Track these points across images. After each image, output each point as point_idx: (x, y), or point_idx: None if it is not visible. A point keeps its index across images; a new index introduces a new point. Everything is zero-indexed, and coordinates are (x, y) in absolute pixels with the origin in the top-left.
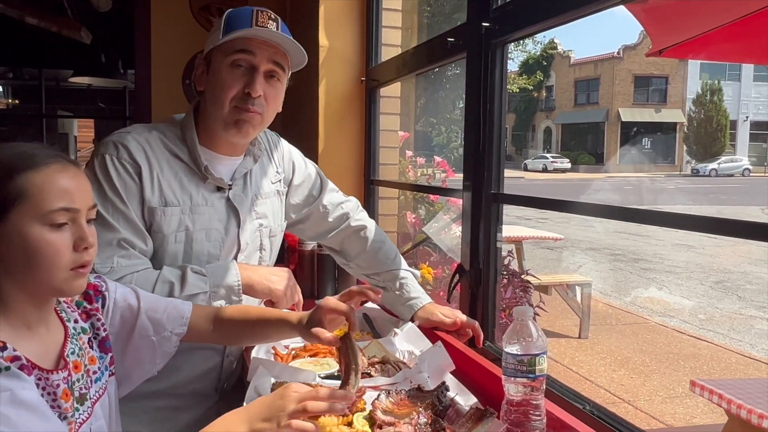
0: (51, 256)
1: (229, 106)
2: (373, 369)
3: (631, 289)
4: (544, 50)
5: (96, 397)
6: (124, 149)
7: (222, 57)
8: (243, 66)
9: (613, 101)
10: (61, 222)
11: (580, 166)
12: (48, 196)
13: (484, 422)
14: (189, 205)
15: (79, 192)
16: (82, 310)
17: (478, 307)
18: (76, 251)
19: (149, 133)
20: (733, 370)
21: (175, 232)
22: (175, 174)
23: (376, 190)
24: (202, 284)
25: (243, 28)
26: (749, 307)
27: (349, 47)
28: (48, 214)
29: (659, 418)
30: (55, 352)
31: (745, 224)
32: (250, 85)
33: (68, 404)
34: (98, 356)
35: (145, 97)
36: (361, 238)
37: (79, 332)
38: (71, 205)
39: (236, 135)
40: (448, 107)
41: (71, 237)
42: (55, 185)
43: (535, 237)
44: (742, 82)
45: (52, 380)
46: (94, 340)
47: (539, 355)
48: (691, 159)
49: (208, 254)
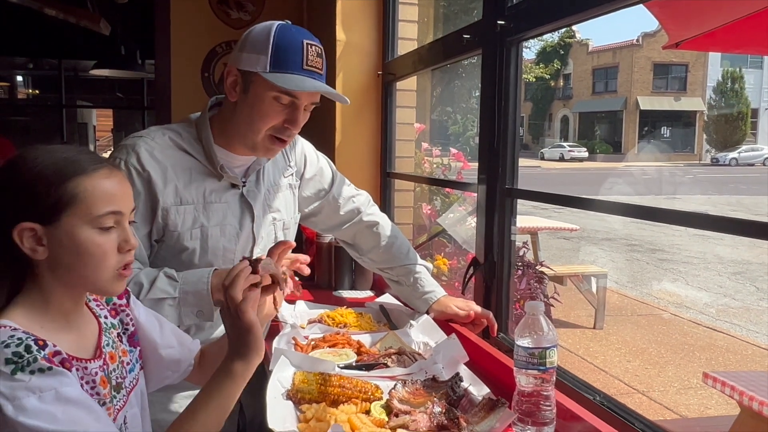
0: (99, 257)
1: (265, 134)
2: (390, 360)
3: (648, 280)
4: (562, 38)
5: (131, 387)
6: (134, 154)
7: (266, 88)
8: (285, 103)
9: (631, 89)
10: (109, 225)
11: (598, 155)
12: (97, 201)
13: (496, 412)
14: (203, 202)
15: (123, 196)
16: (111, 307)
17: (492, 299)
18: (120, 252)
19: (163, 136)
20: (749, 362)
21: (191, 229)
22: (189, 173)
23: (392, 182)
24: (170, 289)
25: (293, 67)
26: (766, 299)
27: (366, 41)
28: (97, 218)
29: (673, 408)
30: (92, 343)
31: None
32: (292, 122)
33: (106, 391)
34: (129, 350)
35: (165, 88)
36: (374, 234)
37: (110, 327)
38: (117, 209)
39: (262, 155)
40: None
41: (117, 239)
42: (104, 190)
43: (550, 228)
44: (764, 69)
45: (90, 369)
46: (124, 335)
47: (550, 348)
48: (710, 148)
49: (223, 249)
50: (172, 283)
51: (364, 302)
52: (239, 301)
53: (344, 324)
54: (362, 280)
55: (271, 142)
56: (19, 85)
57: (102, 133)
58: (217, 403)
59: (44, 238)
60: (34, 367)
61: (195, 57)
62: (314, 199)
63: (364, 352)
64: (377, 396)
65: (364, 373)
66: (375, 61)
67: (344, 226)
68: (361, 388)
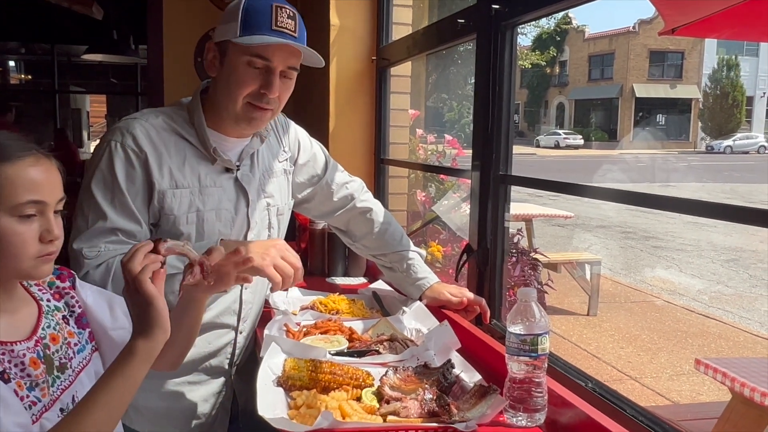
0: (18, 246)
1: (242, 102)
2: (382, 346)
3: (641, 267)
4: (558, 25)
5: (80, 367)
6: (130, 135)
7: (238, 54)
8: (259, 67)
9: (627, 76)
10: (30, 214)
11: (593, 142)
12: (18, 188)
13: (487, 398)
14: (198, 186)
15: (49, 185)
16: (55, 290)
17: (485, 285)
18: (42, 242)
19: (156, 118)
20: (741, 348)
21: (186, 213)
22: (183, 157)
23: (387, 169)
24: (179, 264)
25: (262, 29)
26: (759, 286)
27: (360, 26)
28: (17, 207)
29: (665, 395)
30: (29, 326)
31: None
32: (267, 86)
33: (38, 371)
34: (76, 331)
35: (158, 73)
36: (367, 220)
37: (54, 309)
38: (40, 198)
39: (246, 128)
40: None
41: (38, 228)
42: (27, 178)
43: (545, 215)
44: (760, 57)
45: (17, 351)
46: (70, 317)
47: (541, 335)
48: (705, 136)
49: (219, 233)
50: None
51: (357, 289)
52: (136, 272)
53: (336, 311)
54: (355, 267)
55: (251, 110)
56: (11, 71)
57: (96, 119)
58: (119, 383)
59: None
60: None
61: (188, 42)
62: (307, 185)
63: (356, 339)
64: (368, 383)
65: (355, 360)
66: (369, 46)
67: (337, 212)
68: (352, 375)
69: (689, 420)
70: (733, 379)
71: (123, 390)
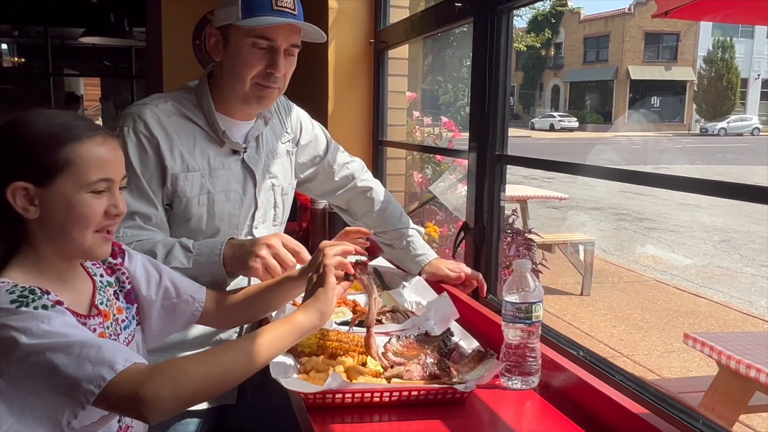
0: (89, 218)
1: (251, 84)
2: (384, 317)
3: (634, 248)
4: (553, 7)
5: (126, 343)
6: (141, 121)
7: (242, 36)
8: (264, 47)
9: (622, 58)
10: (100, 190)
11: (588, 125)
12: (91, 167)
13: (485, 362)
14: (208, 169)
15: (115, 163)
16: (107, 265)
17: (481, 262)
18: (106, 217)
19: (165, 103)
20: (731, 326)
21: (198, 196)
22: (193, 140)
23: (384, 150)
24: (185, 260)
25: (263, 10)
26: (751, 266)
27: (358, 9)
28: (90, 184)
29: (656, 371)
30: (86, 302)
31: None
32: (273, 65)
33: None
34: (125, 307)
35: (156, 56)
36: (368, 199)
37: (106, 285)
38: (109, 176)
39: (256, 107)
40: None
41: (106, 203)
42: (97, 157)
43: (539, 196)
44: (755, 39)
45: (89, 325)
46: (120, 293)
47: (536, 303)
48: (700, 118)
49: (229, 214)
50: (187, 254)
51: None
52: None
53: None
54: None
55: (258, 89)
56: (4, 54)
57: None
58: (268, 338)
59: (36, 199)
60: (38, 303)
61: (186, 24)
62: (309, 166)
63: (359, 311)
64: None
65: (360, 329)
66: (367, 29)
67: (339, 191)
68: (358, 342)
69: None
70: (720, 352)
71: (269, 344)
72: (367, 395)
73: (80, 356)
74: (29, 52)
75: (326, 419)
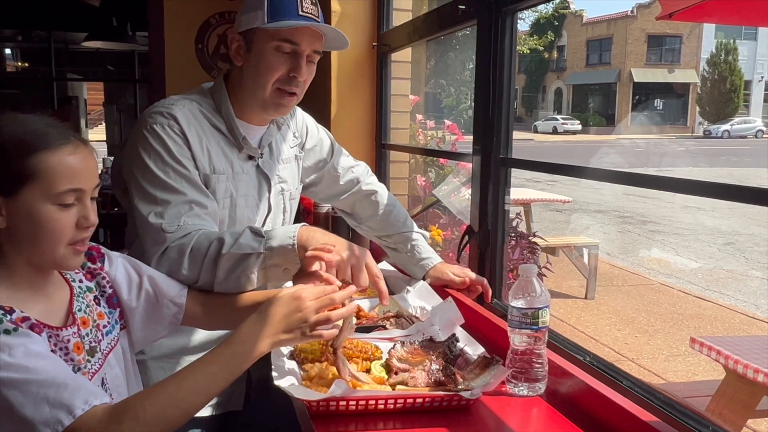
0: (56, 232)
1: (272, 88)
2: (389, 322)
3: (639, 251)
4: (556, 10)
5: (108, 349)
6: (172, 118)
7: (266, 39)
8: (288, 52)
9: (625, 61)
10: (69, 202)
11: (591, 127)
12: (59, 177)
13: (491, 369)
14: (231, 172)
15: (86, 173)
16: (87, 270)
17: (486, 266)
18: (78, 229)
19: (191, 104)
20: (736, 330)
21: (223, 198)
22: (217, 143)
23: (388, 153)
24: (256, 244)
25: (289, 15)
26: (756, 269)
27: (361, 12)
28: (58, 195)
29: (662, 375)
30: (63, 310)
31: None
32: (296, 69)
33: (81, 356)
34: (107, 312)
35: (159, 60)
36: (372, 202)
37: (85, 291)
38: (79, 186)
39: (273, 114)
40: (458, 69)
41: (76, 215)
42: (67, 167)
43: (543, 199)
44: (758, 41)
45: (62, 336)
46: (101, 298)
47: (542, 309)
48: (703, 120)
49: (248, 219)
50: (258, 238)
51: None
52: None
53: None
54: None
55: (279, 95)
56: (8, 58)
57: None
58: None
59: (3, 208)
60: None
61: (189, 28)
62: (314, 170)
63: (363, 316)
64: (377, 356)
65: (363, 335)
66: (370, 32)
67: (343, 195)
68: (362, 348)
69: (685, 398)
70: (727, 357)
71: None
72: (372, 402)
73: (38, 396)
74: (33, 57)
75: (330, 426)
